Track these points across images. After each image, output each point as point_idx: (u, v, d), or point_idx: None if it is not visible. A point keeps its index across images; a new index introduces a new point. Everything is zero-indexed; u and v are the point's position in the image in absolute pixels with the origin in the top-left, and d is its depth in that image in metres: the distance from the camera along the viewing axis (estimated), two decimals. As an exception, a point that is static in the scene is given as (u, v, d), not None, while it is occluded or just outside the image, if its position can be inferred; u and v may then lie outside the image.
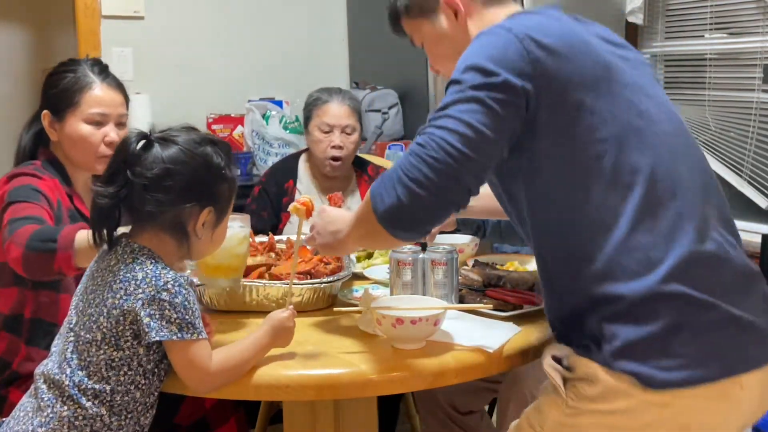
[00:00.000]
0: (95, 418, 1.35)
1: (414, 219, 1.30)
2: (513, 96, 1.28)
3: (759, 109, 2.96)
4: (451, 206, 1.30)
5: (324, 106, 2.57)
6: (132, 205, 1.38)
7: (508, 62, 1.28)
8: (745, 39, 3.02)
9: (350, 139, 2.56)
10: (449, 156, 1.25)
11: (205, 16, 3.54)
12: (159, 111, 3.34)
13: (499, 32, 1.33)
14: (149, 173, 1.36)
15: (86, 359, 1.35)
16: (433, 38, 1.57)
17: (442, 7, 1.52)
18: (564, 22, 1.40)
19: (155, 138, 1.41)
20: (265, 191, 2.61)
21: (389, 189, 1.29)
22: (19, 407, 1.41)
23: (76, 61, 1.93)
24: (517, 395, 1.90)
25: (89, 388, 1.35)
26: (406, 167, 1.28)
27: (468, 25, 1.50)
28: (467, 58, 1.32)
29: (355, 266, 2.03)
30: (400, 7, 1.59)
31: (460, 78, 1.30)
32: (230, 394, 1.45)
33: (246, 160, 3.44)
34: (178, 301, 1.33)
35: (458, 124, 1.26)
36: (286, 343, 1.46)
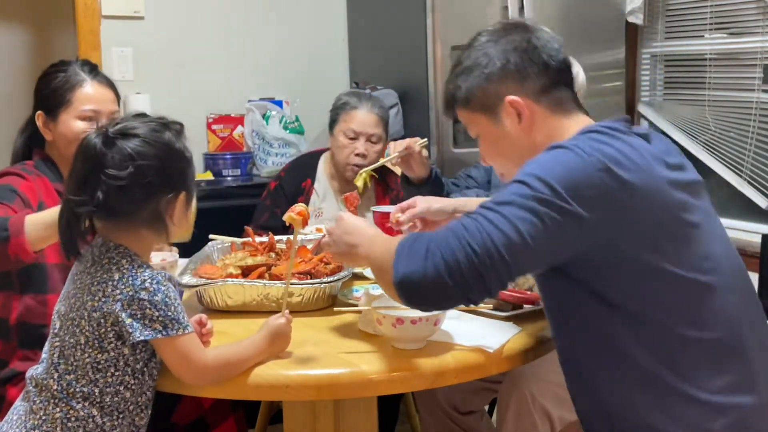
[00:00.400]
0: (87, 419, 1.35)
1: (426, 297, 1.28)
2: (574, 225, 1.25)
3: (759, 109, 2.96)
4: (464, 300, 1.28)
5: (352, 112, 2.52)
6: (108, 207, 1.35)
7: (582, 191, 1.25)
8: (745, 39, 3.02)
9: (374, 148, 2.52)
10: (488, 256, 1.22)
11: (205, 16, 3.54)
12: (159, 111, 3.29)
13: (580, 155, 1.28)
14: (123, 173, 1.34)
15: (72, 363, 1.35)
16: (492, 136, 1.49)
17: (506, 108, 1.44)
18: (641, 152, 1.33)
19: (114, 134, 1.37)
20: (281, 188, 2.58)
21: (417, 257, 1.26)
22: (13, 411, 1.41)
23: (66, 62, 1.95)
24: (517, 395, 1.90)
25: (78, 391, 1.35)
26: (442, 244, 1.25)
27: (532, 131, 1.44)
28: (542, 168, 1.28)
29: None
30: (458, 96, 1.51)
31: (530, 183, 1.26)
32: (230, 394, 1.45)
33: (246, 160, 3.44)
34: (158, 298, 1.32)
35: (508, 227, 1.23)
36: (283, 348, 1.47)
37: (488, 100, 1.46)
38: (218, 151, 3.49)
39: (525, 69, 1.43)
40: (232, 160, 3.39)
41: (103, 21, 3.32)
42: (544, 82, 1.44)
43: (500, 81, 1.44)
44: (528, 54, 1.44)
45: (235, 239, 2.06)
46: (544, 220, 1.24)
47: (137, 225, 1.39)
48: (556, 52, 1.46)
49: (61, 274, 1.75)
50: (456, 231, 1.26)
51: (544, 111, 1.44)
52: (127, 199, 1.35)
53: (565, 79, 1.47)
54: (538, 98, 1.44)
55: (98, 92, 1.91)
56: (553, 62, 1.45)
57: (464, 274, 1.23)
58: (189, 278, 1.73)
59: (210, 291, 1.73)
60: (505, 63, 1.44)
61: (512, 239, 1.23)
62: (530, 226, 1.23)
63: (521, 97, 1.43)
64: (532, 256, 1.27)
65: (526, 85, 1.43)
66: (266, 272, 1.81)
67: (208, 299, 1.75)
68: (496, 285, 1.26)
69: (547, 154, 1.32)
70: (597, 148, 1.29)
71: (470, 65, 1.49)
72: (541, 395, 1.89)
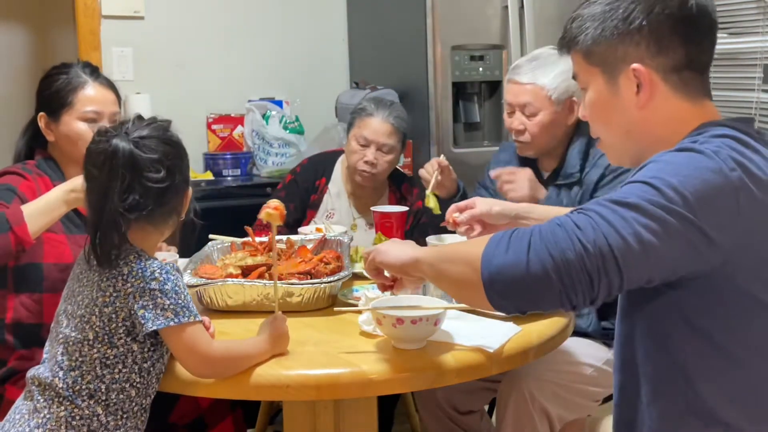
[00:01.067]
0: (92, 417, 1.35)
1: (525, 294, 1.14)
2: (702, 244, 1.11)
3: (759, 109, 2.96)
4: (567, 304, 1.13)
5: (367, 119, 2.46)
6: (148, 210, 1.39)
7: (717, 210, 1.11)
8: (745, 39, 3.02)
9: (386, 158, 2.45)
10: (601, 254, 1.09)
11: (205, 16, 3.53)
12: (159, 111, 3.28)
13: (720, 168, 1.12)
14: (160, 175, 1.38)
15: (78, 359, 1.36)
16: (602, 98, 1.30)
17: (627, 73, 1.25)
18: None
19: (136, 138, 1.39)
20: (296, 182, 2.56)
21: (518, 249, 1.13)
22: (14, 410, 1.41)
23: (67, 65, 1.96)
24: (517, 395, 1.90)
25: (83, 388, 1.35)
26: (548, 238, 1.11)
27: (647, 107, 1.25)
28: (677, 174, 1.12)
29: (355, 266, 2.03)
30: (580, 41, 1.30)
31: (661, 189, 1.11)
32: (230, 393, 1.45)
33: (246, 160, 3.43)
34: (169, 287, 1.34)
35: (629, 232, 1.09)
36: (284, 347, 1.47)
37: (612, 59, 1.26)
38: (218, 151, 3.49)
39: (664, 38, 1.22)
40: (232, 160, 3.38)
41: (103, 21, 3.32)
42: (680, 60, 1.24)
43: (633, 43, 1.24)
44: (674, 20, 1.22)
45: (235, 239, 2.06)
46: (671, 233, 1.09)
47: (159, 224, 1.43)
48: (709, 25, 1.26)
49: (57, 273, 1.75)
50: (566, 225, 1.12)
51: (669, 91, 1.25)
52: (161, 200, 1.39)
53: (704, 61, 1.27)
54: (667, 75, 1.24)
55: (100, 94, 1.92)
56: (701, 35, 1.24)
57: (573, 274, 1.09)
58: (189, 278, 1.73)
59: (210, 291, 1.73)
60: (644, 24, 1.22)
61: (631, 246, 1.09)
62: (653, 236, 1.09)
63: (649, 68, 1.24)
64: (650, 267, 1.12)
65: (659, 57, 1.23)
66: (266, 272, 1.81)
67: (208, 299, 1.75)
68: (604, 293, 1.12)
69: (681, 157, 1.16)
70: (739, 162, 1.14)
71: (605, 11, 1.26)
72: (541, 395, 1.89)
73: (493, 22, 3.13)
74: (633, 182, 1.16)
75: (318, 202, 2.54)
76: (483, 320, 1.64)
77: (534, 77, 2.13)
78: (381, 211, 2.31)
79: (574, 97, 2.13)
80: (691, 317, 1.18)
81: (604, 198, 1.16)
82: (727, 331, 1.17)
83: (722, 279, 1.15)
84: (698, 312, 1.18)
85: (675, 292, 1.18)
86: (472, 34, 3.12)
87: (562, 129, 2.17)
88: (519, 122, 2.16)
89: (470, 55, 3.12)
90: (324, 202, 2.55)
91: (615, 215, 1.11)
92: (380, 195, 2.58)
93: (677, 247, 1.11)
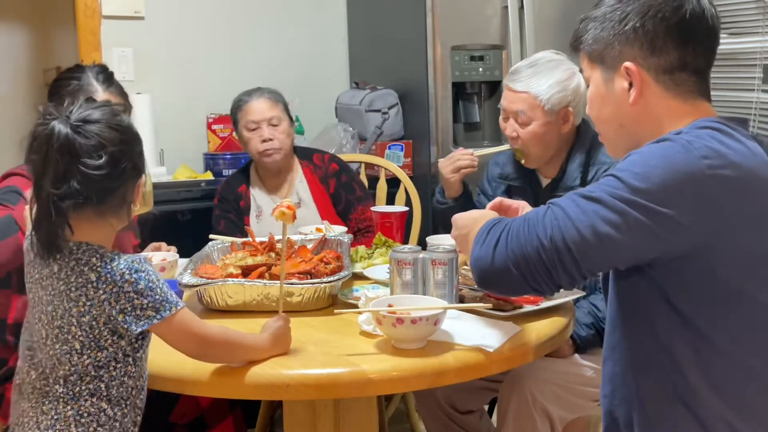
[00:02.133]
0: (99, 413, 1.35)
1: (493, 283, 1.31)
2: (666, 229, 1.17)
3: (759, 109, 2.96)
4: (534, 291, 1.27)
5: (245, 107, 2.61)
6: (87, 197, 1.31)
7: (684, 194, 1.16)
8: (745, 39, 3.02)
9: (278, 129, 2.58)
10: (554, 248, 1.21)
11: (205, 16, 3.53)
12: (159, 111, 3.34)
13: (688, 151, 1.18)
14: (101, 161, 1.30)
15: (70, 369, 1.34)
16: (600, 92, 1.38)
17: (621, 71, 1.32)
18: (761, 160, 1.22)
19: (78, 121, 1.32)
20: (223, 198, 2.65)
21: (489, 244, 1.28)
22: (22, 414, 1.40)
23: (81, 68, 1.96)
24: (518, 395, 1.90)
25: (83, 390, 1.35)
26: (513, 234, 1.26)
27: (638, 104, 1.32)
28: (643, 163, 1.19)
29: (355, 266, 2.03)
30: (584, 40, 1.38)
31: (625, 180, 1.19)
32: (230, 393, 1.45)
33: (246, 161, 3.42)
34: (143, 285, 1.31)
35: (586, 225, 1.19)
36: (286, 347, 1.47)
37: (609, 57, 1.34)
38: (218, 151, 3.49)
39: (657, 41, 1.29)
40: (232, 160, 3.38)
41: (103, 21, 3.32)
42: (673, 62, 1.29)
43: (628, 43, 1.31)
44: (666, 24, 1.28)
45: (235, 239, 2.06)
46: (629, 223, 1.17)
47: (106, 214, 1.36)
48: (704, 31, 1.30)
49: None
50: (530, 221, 1.25)
51: (660, 90, 1.31)
52: (103, 188, 1.33)
53: (700, 64, 1.31)
54: (658, 75, 1.30)
55: None
56: (696, 40, 1.29)
57: (531, 266, 1.23)
58: (189, 278, 1.73)
59: (210, 291, 1.74)
60: (639, 26, 1.29)
61: (586, 238, 1.19)
62: (612, 228, 1.17)
63: (641, 67, 1.30)
64: (609, 257, 1.22)
65: (652, 58, 1.30)
66: (266, 272, 1.81)
67: (208, 299, 1.75)
68: (566, 280, 1.24)
69: (652, 147, 1.23)
70: (717, 150, 1.19)
71: (607, 13, 1.34)
72: (542, 395, 1.89)
73: (493, 22, 3.13)
74: (605, 176, 1.24)
75: (247, 206, 2.64)
76: (483, 320, 1.64)
77: (528, 86, 2.11)
78: (381, 211, 2.31)
79: (570, 107, 2.11)
80: (675, 302, 1.22)
81: (574, 192, 1.26)
82: (709, 318, 1.21)
83: (702, 265, 1.19)
84: (681, 298, 1.22)
85: (654, 272, 1.23)
86: (472, 34, 3.13)
87: (555, 139, 2.14)
88: (512, 129, 2.16)
89: (470, 56, 3.12)
90: (252, 205, 2.64)
91: (577, 209, 1.21)
92: (295, 174, 2.66)
93: (638, 237, 1.18)
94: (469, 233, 1.42)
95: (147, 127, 3.23)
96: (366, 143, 3.27)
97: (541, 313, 1.66)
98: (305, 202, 2.62)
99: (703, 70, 1.33)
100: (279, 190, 2.66)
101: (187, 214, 3.01)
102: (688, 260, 1.20)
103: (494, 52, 3.15)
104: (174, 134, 3.43)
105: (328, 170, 2.65)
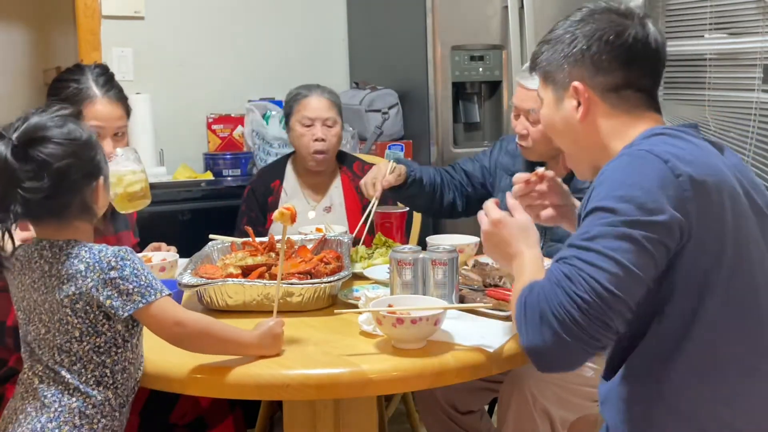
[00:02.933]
0: (104, 403, 1.38)
1: (558, 361, 1.24)
2: (668, 237, 1.22)
3: (759, 109, 2.96)
4: (598, 349, 1.22)
5: (303, 101, 2.60)
6: (32, 216, 1.37)
7: (668, 200, 1.22)
8: (745, 39, 3.02)
9: (331, 131, 2.58)
10: (599, 298, 1.18)
11: (206, 16, 3.53)
12: (159, 111, 3.34)
13: (654, 162, 1.25)
14: (43, 184, 1.31)
15: (74, 355, 1.37)
16: (552, 111, 1.47)
17: (570, 91, 1.41)
18: (709, 154, 1.32)
19: (20, 141, 1.31)
20: (252, 191, 2.65)
21: (534, 324, 1.22)
22: (17, 411, 1.41)
23: (81, 69, 1.96)
24: (518, 396, 1.90)
25: (90, 377, 1.37)
26: (553, 303, 1.21)
27: (586, 121, 1.41)
28: (619, 186, 1.24)
29: (355, 266, 2.03)
30: (538, 62, 1.49)
31: (613, 207, 1.22)
32: (230, 393, 1.45)
33: (246, 160, 3.43)
34: (128, 272, 1.34)
35: (609, 263, 1.19)
36: (275, 349, 1.47)
37: (559, 78, 1.43)
38: (218, 151, 3.49)
39: (602, 62, 1.38)
40: (232, 160, 3.38)
41: (103, 21, 3.32)
42: (617, 81, 1.39)
43: (575, 64, 1.40)
44: (611, 46, 1.38)
45: (235, 239, 2.06)
46: (640, 243, 1.20)
47: (70, 219, 1.40)
48: (648, 53, 1.40)
49: None
50: (561, 283, 1.21)
51: (606, 108, 1.40)
52: (53, 204, 1.36)
53: (646, 83, 1.41)
54: (604, 94, 1.39)
55: (107, 110, 1.95)
56: (639, 61, 1.39)
57: (587, 330, 1.18)
58: (189, 278, 1.73)
59: (210, 291, 1.73)
60: (585, 49, 1.39)
61: (618, 275, 1.19)
62: (630, 255, 1.19)
63: (587, 87, 1.40)
64: (643, 281, 1.22)
65: (597, 78, 1.39)
66: (266, 272, 1.81)
67: (208, 299, 1.75)
68: (620, 322, 1.21)
69: (616, 167, 1.28)
70: (667, 150, 1.26)
71: (558, 37, 1.45)
72: (542, 396, 1.89)
73: (493, 22, 3.13)
74: (588, 213, 1.26)
75: (275, 203, 2.63)
76: (483, 320, 1.64)
77: None
78: (381, 211, 2.31)
79: None
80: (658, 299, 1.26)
81: (573, 240, 1.26)
82: (688, 311, 1.26)
83: (680, 261, 1.25)
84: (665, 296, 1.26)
85: None
86: (472, 34, 3.12)
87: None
88: (522, 126, 2.17)
89: (470, 55, 3.12)
90: (281, 200, 2.64)
91: (590, 253, 1.21)
92: (333, 178, 2.67)
93: (654, 251, 1.21)
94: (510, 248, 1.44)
95: (147, 127, 3.23)
96: (366, 143, 3.27)
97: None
98: (336, 207, 2.63)
99: (648, 87, 1.42)
100: (314, 190, 2.66)
101: (187, 214, 3.01)
102: (671, 259, 1.24)
103: (494, 52, 3.15)
104: (174, 134, 3.43)
105: None
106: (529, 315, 1.24)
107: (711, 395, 1.27)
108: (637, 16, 1.41)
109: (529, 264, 1.39)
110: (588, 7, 1.46)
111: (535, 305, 1.24)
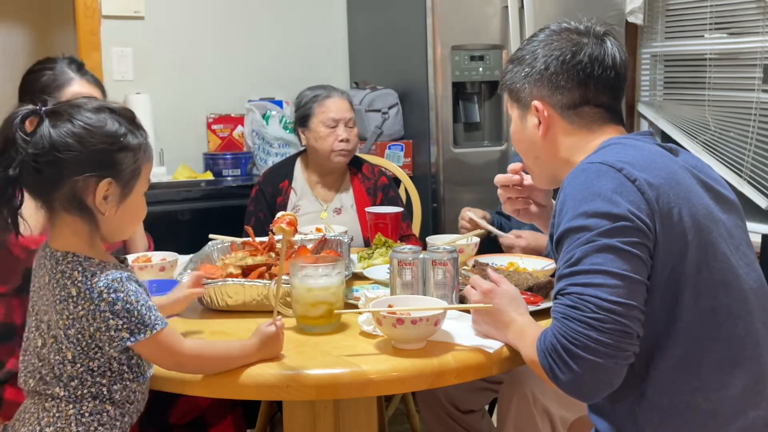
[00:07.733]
0: (101, 413, 1.36)
1: (599, 385, 1.26)
2: (644, 237, 1.26)
3: (759, 109, 2.96)
4: (629, 359, 1.25)
5: (326, 102, 2.58)
6: (23, 180, 1.30)
7: (630, 204, 1.26)
8: (745, 39, 3.02)
9: (353, 132, 2.60)
10: (610, 312, 1.21)
11: (205, 16, 3.54)
12: (159, 111, 3.34)
13: (608, 171, 1.30)
14: (37, 149, 1.28)
15: (70, 373, 1.34)
16: (517, 127, 1.56)
17: (532, 109, 1.50)
18: (658, 156, 1.36)
19: (45, 112, 1.31)
20: (261, 192, 2.64)
21: (563, 362, 1.24)
22: (24, 409, 1.41)
23: (52, 59, 1.96)
24: (519, 396, 1.90)
25: (86, 393, 1.35)
26: (570, 336, 1.23)
27: (546, 138, 1.48)
28: (582, 202, 1.29)
29: (355, 266, 2.03)
30: (504, 81, 1.57)
31: (583, 225, 1.27)
32: (230, 393, 1.45)
33: (246, 160, 3.44)
34: (119, 306, 1.29)
35: (603, 277, 1.23)
36: (275, 352, 1.46)
37: (522, 96, 1.51)
38: (218, 151, 3.49)
39: (559, 81, 1.45)
40: (232, 160, 3.39)
41: (103, 21, 3.32)
42: (575, 99, 1.45)
43: (535, 84, 1.48)
44: (567, 66, 1.45)
45: (235, 239, 2.06)
46: (621, 249, 1.24)
47: (55, 207, 1.33)
48: (605, 70, 1.45)
49: None
50: (569, 314, 1.24)
51: (566, 125, 1.47)
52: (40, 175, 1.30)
53: (604, 100, 1.46)
54: (563, 112, 1.47)
55: (86, 91, 1.92)
56: (595, 79, 1.44)
57: (608, 344, 1.21)
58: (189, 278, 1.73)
59: (210, 291, 1.73)
60: (544, 69, 1.47)
61: (617, 285, 1.22)
62: (618, 263, 1.23)
63: (547, 105, 1.47)
64: (641, 281, 1.25)
65: (555, 97, 1.46)
66: (266, 272, 1.81)
67: (208, 299, 1.75)
68: (638, 326, 1.24)
69: (576, 183, 1.32)
70: (620, 159, 1.31)
71: (521, 57, 1.52)
72: (543, 395, 1.89)
73: (493, 22, 3.13)
74: (561, 237, 1.30)
75: (284, 203, 2.63)
76: (483, 320, 1.64)
77: None
78: (375, 212, 2.31)
79: None
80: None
81: (561, 271, 1.29)
82: (659, 308, 1.28)
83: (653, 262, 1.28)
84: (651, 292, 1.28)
85: None
86: (472, 34, 3.13)
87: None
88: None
89: (470, 55, 3.13)
90: (290, 200, 2.64)
91: (582, 276, 1.24)
92: (342, 180, 2.67)
93: (636, 253, 1.24)
94: (507, 334, 1.46)
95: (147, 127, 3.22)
96: (366, 143, 3.28)
97: (541, 313, 1.65)
98: (345, 209, 2.63)
99: (607, 103, 1.47)
100: (324, 189, 2.66)
101: (187, 214, 3.01)
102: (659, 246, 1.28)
103: (494, 52, 3.15)
104: (174, 134, 3.43)
105: (378, 182, 2.65)
106: (555, 357, 1.25)
107: (690, 388, 1.29)
108: (594, 34, 1.48)
109: (527, 326, 1.43)
110: (550, 27, 1.53)
111: (555, 346, 1.25)
